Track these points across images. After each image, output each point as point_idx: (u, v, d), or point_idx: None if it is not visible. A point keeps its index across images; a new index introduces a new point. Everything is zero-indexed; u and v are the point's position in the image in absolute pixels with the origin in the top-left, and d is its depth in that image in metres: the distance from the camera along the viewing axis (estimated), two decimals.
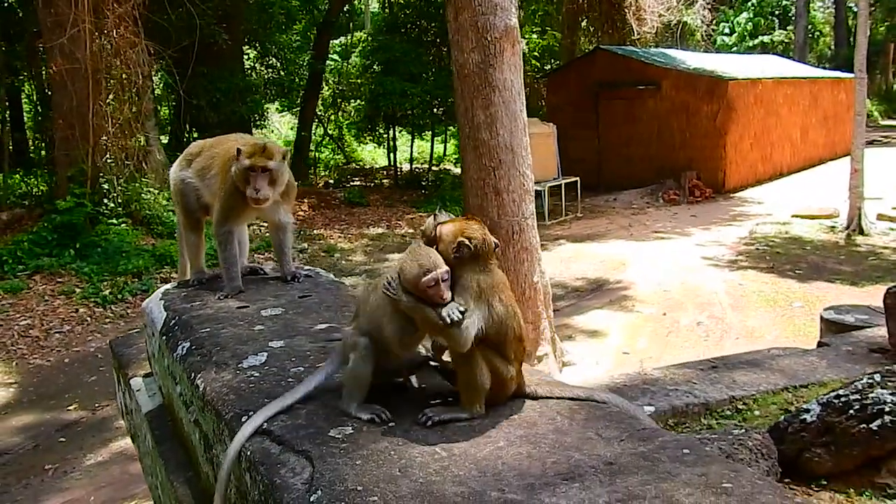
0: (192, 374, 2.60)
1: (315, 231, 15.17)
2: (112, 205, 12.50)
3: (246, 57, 19.70)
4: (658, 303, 10.18)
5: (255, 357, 2.57)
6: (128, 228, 12.34)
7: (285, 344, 2.69)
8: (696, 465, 1.78)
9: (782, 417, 3.57)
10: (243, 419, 2.16)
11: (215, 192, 3.41)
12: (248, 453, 2.03)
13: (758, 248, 12.79)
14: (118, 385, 3.98)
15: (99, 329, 9.88)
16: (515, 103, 7.49)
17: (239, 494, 2.10)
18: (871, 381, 3.30)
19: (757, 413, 4.07)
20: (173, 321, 3.09)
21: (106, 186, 12.51)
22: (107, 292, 10.71)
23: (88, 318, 10.18)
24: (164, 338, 3.04)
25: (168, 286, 3.65)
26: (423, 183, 19.69)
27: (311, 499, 1.75)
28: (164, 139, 15.71)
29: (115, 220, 12.35)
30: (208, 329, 2.88)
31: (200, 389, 2.48)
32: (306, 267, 3.81)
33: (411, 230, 15.66)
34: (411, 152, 20.92)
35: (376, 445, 1.96)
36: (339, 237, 14.94)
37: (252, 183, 3.18)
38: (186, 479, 2.68)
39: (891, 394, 3.17)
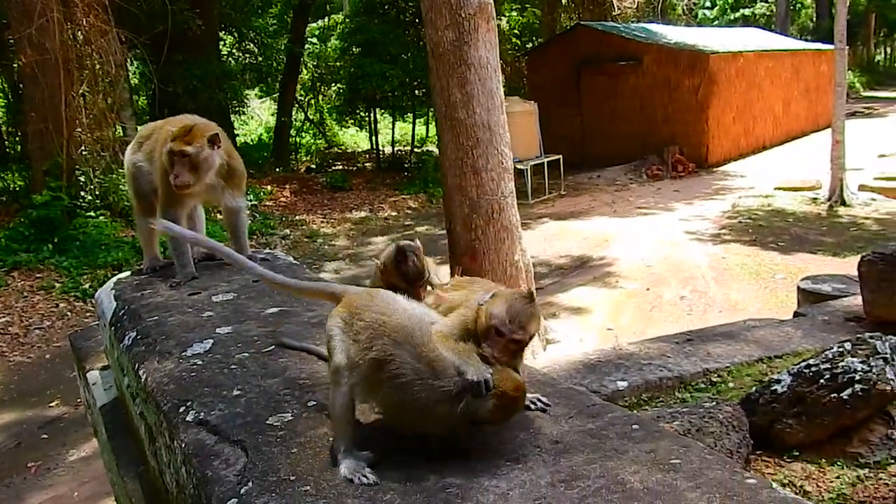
0: (137, 365, 2.51)
1: (297, 217, 15.05)
2: (89, 197, 12.29)
3: (222, 43, 19.38)
4: (641, 278, 10.15)
5: (200, 344, 2.49)
6: (106, 221, 12.15)
7: (233, 330, 2.61)
8: (644, 442, 1.72)
9: (754, 389, 3.51)
10: (181, 410, 2.08)
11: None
12: (184, 445, 1.95)
13: (741, 222, 12.76)
14: (79, 379, 3.88)
15: (79, 323, 9.74)
16: (492, 81, 7.39)
17: (178, 488, 2.03)
18: (841, 349, 3.24)
19: (731, 385, 4.02)
20: (122, 311, 2.99)
21: (82, 179, 12.29)
22: (87, 286, 10.57)
23: (69, 313, 10.06)
24: (112, 328, 2.95)
25: (122, 275, 3.54)
26: (406, 165, 19.55)
27: (241, 491, 1.67)
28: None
29: (92, 213, 12.15)
30: (156, 317, 2.79)
31: (143, 380, 2.39)
32: (265, 250, 3.72)
33: (394, 213, 15.56)
34: (393, 134, 20.77)
35: (315, 432, 1.88)
36: (322, 222, 14.83)
37: (173, 168, 3.07)
38: (137, 474, 2.61)
39: (861, 362, 3.11)
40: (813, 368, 3.26)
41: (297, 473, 1.70)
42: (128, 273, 3.63)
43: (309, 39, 22.53)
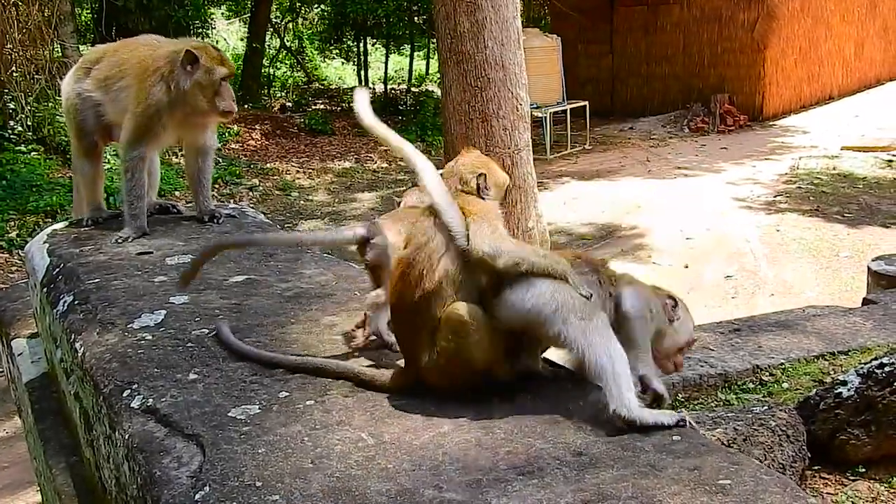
0: (73, 336, 2.51)
1: (268, 164, 15.00)
2: (20, 128, 12.29)
3: None
4: (679, 253, 10.19)
5: (151, 315, 2.49)
6: (39, 157, 12.14)
7: (190, 300, 2.60)
8: (687, 457, 1.70)
9: (814, 391, 3.50)
10: (125, 394, 2.06)
11: (126, 108, 3.30)
12: (127, 437, 1.93)
13: (800, 187, 12.75)
14: (2, 348, 3.88)
15: (4, 280, 9.78)
16: (507, 8, 7.32)
17: (118, 487, 2.01)
18: None
19: (785, 386, 4.02)
20: (57, 270, 2.99)
21: (12, 106, 12.28)
22: (13, 235, 10.58)
23: None
24: (44, 290, 2.94)
25: (57, 226, 3.53)
26: (401, 107, 19.44)
27: (196, 497, 1.66)
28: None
29: (23, 148, 12.14)
30: (97, 280, 2.79)
31: (79, 355, 2.39)
32: (230, 205, 3.70)
33: (385, 164, 15.51)
34: (386, 70, 20.64)
35: (287, 430, 1.87)
36: (298, 172, 14.80)
37: (224, 93, 3.21)
38: (69, 465, 2.61)
39: None
40: (886, 368, 3.23)
41: (265, 479, 1.68)
42: (65, 223, 3.63)
43: None
